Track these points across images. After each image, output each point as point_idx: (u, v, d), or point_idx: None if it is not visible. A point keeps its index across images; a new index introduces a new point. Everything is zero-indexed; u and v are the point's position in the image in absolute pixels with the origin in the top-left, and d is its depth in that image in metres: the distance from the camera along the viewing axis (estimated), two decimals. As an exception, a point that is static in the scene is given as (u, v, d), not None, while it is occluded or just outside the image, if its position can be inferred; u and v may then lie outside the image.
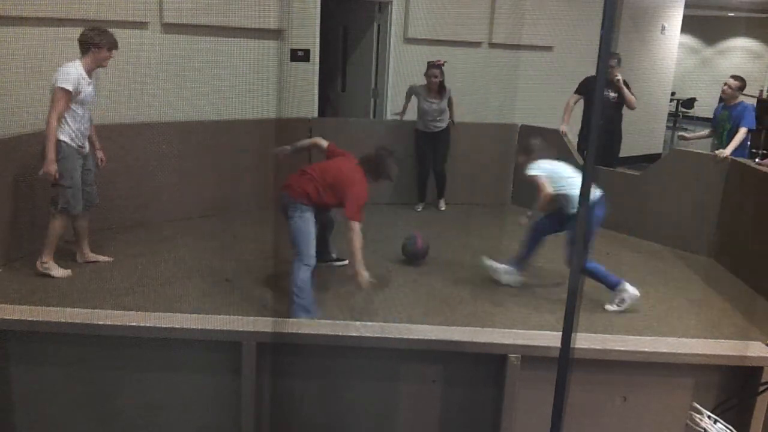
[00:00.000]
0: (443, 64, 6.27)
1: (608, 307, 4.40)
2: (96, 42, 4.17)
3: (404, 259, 5.11)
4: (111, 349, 2.08)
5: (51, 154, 4.07)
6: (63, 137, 4.16)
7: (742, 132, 5.48)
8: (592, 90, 6.76)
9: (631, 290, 4.38)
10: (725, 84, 5.70)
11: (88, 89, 4.22)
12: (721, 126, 5.76)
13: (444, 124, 6.46)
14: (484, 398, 2.11)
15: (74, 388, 2.12)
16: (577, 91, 6.47)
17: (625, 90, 6.25)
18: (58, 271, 4.41)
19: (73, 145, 4.24)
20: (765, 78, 13.58)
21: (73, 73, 4.12)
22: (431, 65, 6.25)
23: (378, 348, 2.07)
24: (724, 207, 5.46)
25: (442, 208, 6.74)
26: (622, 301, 4.39)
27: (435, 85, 6.24)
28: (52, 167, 4.10)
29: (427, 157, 6.55)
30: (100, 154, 4.59)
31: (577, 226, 1.56)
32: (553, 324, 4.09)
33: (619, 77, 6.19)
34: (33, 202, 4.76)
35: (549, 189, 4.35)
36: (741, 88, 5.63)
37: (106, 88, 5.34)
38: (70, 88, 4.08)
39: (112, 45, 4.25)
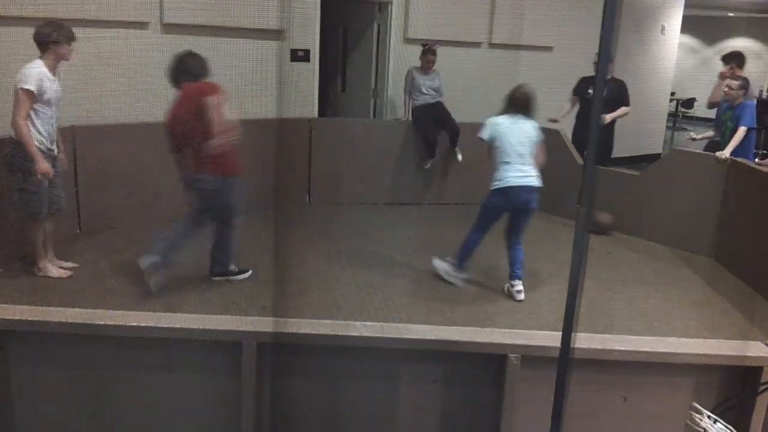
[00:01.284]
0: (437, 47, 6.56)
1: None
2: (53, 38, 4.01)
3: (403, 260, 5.10)
4: (111, 349, 2.08)
5: (34, 152, 3.95)
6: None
7: (741, 131, 5.46)
8: (582, 90, 6.88)
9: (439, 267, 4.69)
10: (726, 86, 5.66)
11: (53, 88, 4.08)
12: (723, 125, 5.76)
13: (440, 99, 6.68)
14: (484, 398, 2.11)
15: (74, 388, 2.12)
16: (574, 92, 6.55)
17: (618, 113, 6.40)
18: (56, 271, 4.41)
19: (42, 147, 4.07)
20: (765, 78, 13.57)
21: (33, 73, 3.96)
22: (427, 50, 6.50)
23: (378, 348, 2.07)
24: (724, 207, 5.46)
25: (460, 158, 6.76)
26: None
27: (430, 67, 6.55)
28: (44, 165, 3.99)
29: (432, 124, 6.65)
30: (62, 155, 4.37)
31: (576, 227, 1.56)
32: (553, 324, 4.09)
33: (606, 119, 6.27)
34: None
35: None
36: (743, 86, 5.60)
37: (104, 88, 5.35)
38: (32, 88, 3.93)
39: (70, 37, 4.07)
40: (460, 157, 6.76)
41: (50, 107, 4.10)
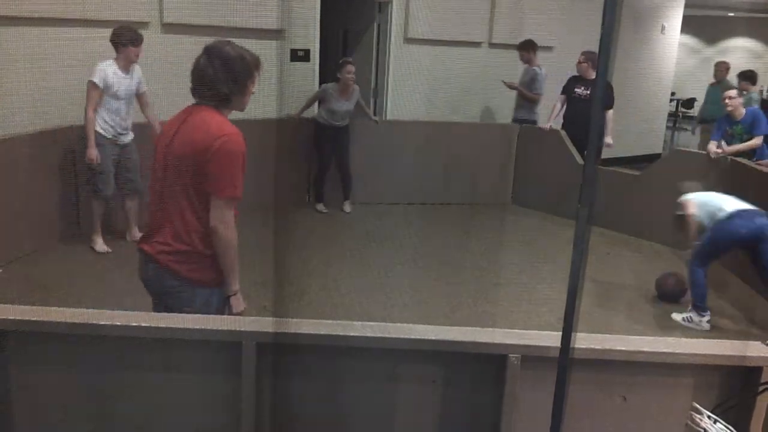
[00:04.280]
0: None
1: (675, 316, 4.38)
2: (119, 40, 4.59)
3: (403, 260, 5.10)
4: (111, 349, 2.08)
5: (90, 141, 4.57)
6: (96, 128, 4.60)
7: (758, 140, 5.43)
8: (569, 88, 6.91)
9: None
10: (727, 98, 5.60)
11: (123, 83, 4.66)
12: (737, 139, 5.68)
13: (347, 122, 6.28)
14: (484, 398, 2.11)
15: (74, 388, 2.12)
16: (563, 92, 6.59)
17: (608, 121, 6.20)
18: (99, 246, 4.91)
19: (107, 135, 4.68)
20: (765, 78, 13.57)
21: (100, 68, 4.55)
22: (345, 62, 6.06)
23: (378, 348, 2.07)
24: (724, 207, 5.45)
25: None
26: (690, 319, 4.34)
27: (350, 85, 6.06)
28: (92, 152, 4.59)
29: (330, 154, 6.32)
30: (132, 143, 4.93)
31: (577, 227, 1.56)
32: (553, 324, 4.09)
33: (609, 142, 6.13)
34: (33, 203, 4.76)
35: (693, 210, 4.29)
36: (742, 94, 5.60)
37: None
38: (96, 80, 4.52)
39: (132, 41, 4.62)
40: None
41: (119, 100, 4.68)
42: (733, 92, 5.58)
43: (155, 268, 2.36)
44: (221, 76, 2.24)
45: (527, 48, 6.88)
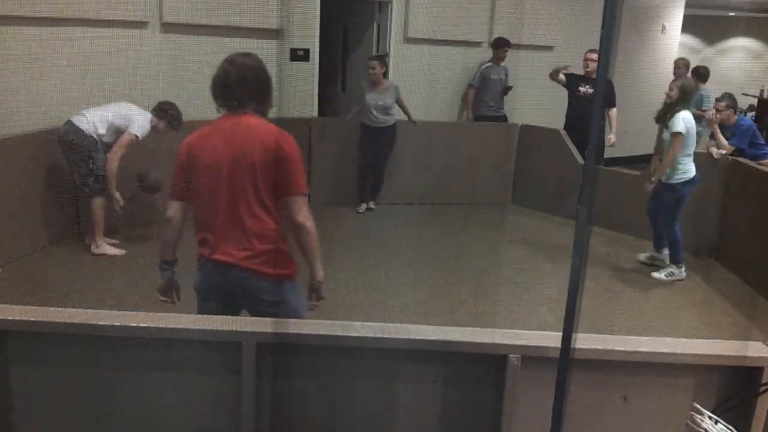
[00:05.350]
0: (386, 56, 6.33)
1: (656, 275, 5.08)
2: (160, 115, 4.79)
3: (403, 260, 5.10)
4: (111, 349, 2.08)
5: (114, 193, 4.69)
6: (100, 131, 4.65)
7: (730, 147, 5.49)
8: (572, 87, 6.93)
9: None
10: (714, 110, 5.65)
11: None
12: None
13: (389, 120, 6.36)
14: (484, 398, 2.11)
15: (74, 388, 2.12)
16: (567, 87, 6.65)
17: (612, 118, 6.41)
18: (111, 250, 4.89)
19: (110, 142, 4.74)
20: (765, 78, 13.56)
21: (145, 125, 4.71)
22: (371, 57, 6.30)
23: (378, 348, 2.07)
24: (724, 207, 5.46)
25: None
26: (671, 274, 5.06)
27: (376, 78, 6.17)
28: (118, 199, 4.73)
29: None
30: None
31: (577, 227, 1.56)
32: (553, 324, 4.09)
33: (612, 140, 6.34)
34: (32, 203, 4.76)
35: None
36: (730, 105, 5.60)
37: (104, 88, 5.34)
38: (140, 135, 4.65)
39: (171, 124, 4.80)
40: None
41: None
42: (721, 104, 5.59)
43: (239, 275, 2.40)
44: (267, 86, 2.53)
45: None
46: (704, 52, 16.30)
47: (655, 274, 5.07)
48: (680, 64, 7.84)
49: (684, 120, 4.76)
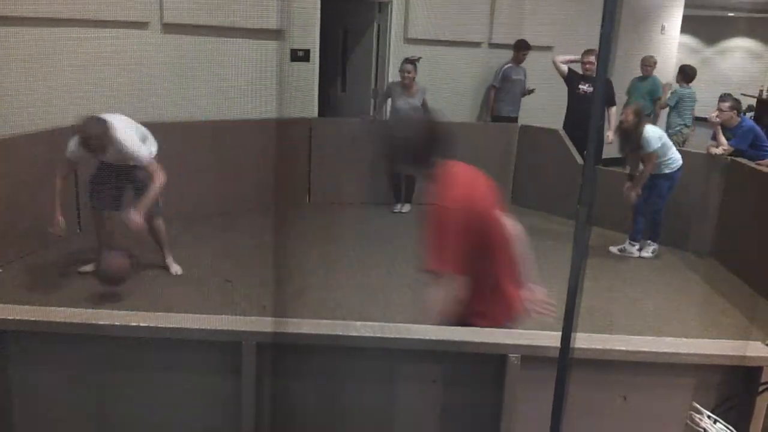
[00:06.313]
0: (418, 60, 6.33)
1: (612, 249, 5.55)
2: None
3: (403, 260, 5.10)
4: (111, 349, 2.08)
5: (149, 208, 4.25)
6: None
7: (729, 147, 5.49)
8: (572, 85, 6.95)
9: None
10: (717, 111, 5.63)
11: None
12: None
13: None
14: (484, 398, 2.11)
15: (74, 388, 2.12)
16: (567, 84, 6.70)
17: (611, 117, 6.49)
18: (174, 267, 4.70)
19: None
20: (764, 78, 13.57)
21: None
22: (405, 60, 6.32)
23: (378, 348, 2.07)
24: (724, 207, 5.46)
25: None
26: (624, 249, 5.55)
27: (409, 81, 6.23)
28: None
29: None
30: None
31: (576, 227, 1.56)
32: (553, 324, 4.08)
33: (610, 138, 6.30)
34: (32, 202, 4.76)
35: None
36: (734, 107, 5.59)
37: (105, 88, 5.35)
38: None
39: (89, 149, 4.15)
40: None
41: None
42: (725, 105, 5.58)
43: None
44: None
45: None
46: (703, 53, 16.31)
47: (629, 248, 5.58)
48: (648, 63, 7.82)
49: (652, 136, 5.12)
